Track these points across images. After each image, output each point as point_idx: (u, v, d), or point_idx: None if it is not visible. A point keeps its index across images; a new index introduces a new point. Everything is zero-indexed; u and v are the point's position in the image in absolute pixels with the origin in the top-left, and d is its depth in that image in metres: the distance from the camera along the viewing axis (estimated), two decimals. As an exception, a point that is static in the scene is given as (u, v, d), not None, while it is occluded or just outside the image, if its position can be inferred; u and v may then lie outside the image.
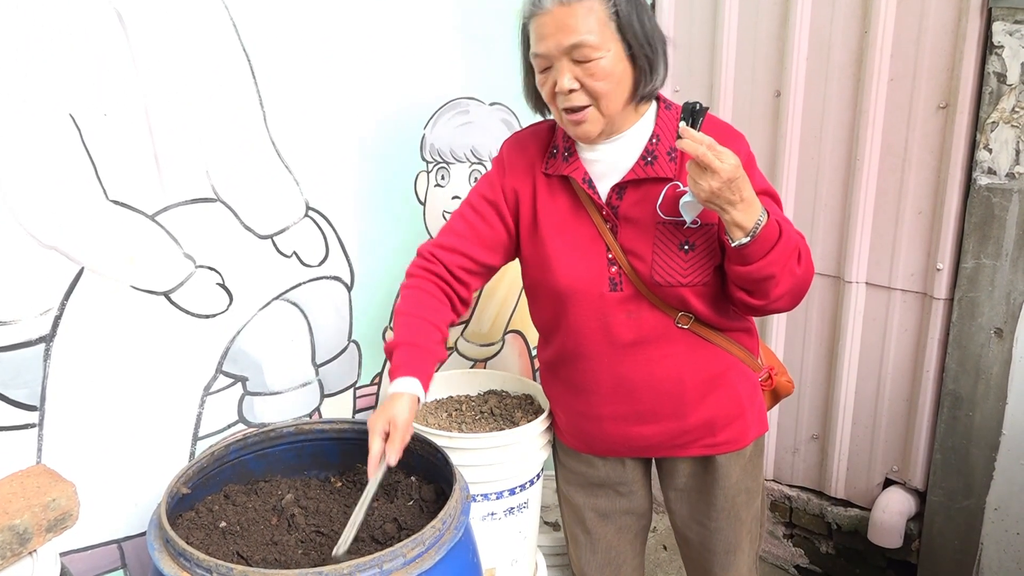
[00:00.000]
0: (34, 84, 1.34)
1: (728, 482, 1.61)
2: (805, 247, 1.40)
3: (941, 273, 2.05)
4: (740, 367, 1.58)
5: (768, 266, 1.33)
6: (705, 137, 1.24)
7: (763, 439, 1.67)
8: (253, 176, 1.65)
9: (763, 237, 1.30)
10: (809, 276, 1.42)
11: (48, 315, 1.42)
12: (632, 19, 1.33)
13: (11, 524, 1.20)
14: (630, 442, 1.61)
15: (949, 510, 2.15)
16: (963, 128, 1.94)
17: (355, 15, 1.76)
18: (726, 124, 1.48)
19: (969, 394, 2.05)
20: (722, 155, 1.23)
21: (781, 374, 1.72)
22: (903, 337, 2.19)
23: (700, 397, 1.55)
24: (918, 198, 2.07)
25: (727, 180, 1.23)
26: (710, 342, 1.53)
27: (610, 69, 1.34)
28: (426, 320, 1.50)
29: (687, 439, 1.59)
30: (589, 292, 1.49)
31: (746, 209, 1.28)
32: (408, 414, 1.41)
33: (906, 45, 2.01)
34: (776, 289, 1.37)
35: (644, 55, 1.35)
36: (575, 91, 1.35)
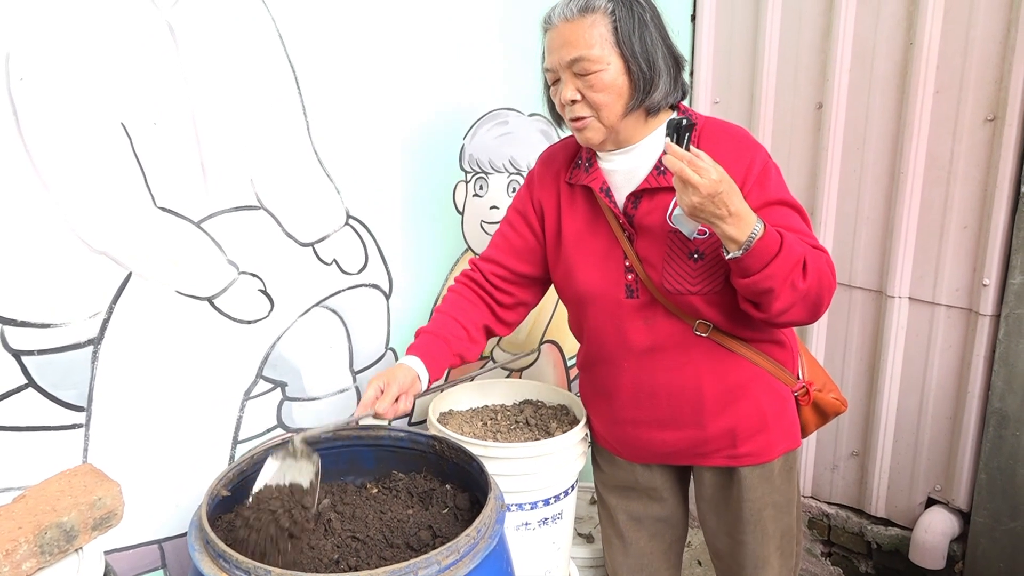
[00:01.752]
0: (88, 94, 1.37)
1: (753, 495, 1.59)
2: (816, 260, 1.36)
3: (987, 289, 2.01)
4: (766, 379, 1.56)
5: (765, 279, 1.32)
6: (685, 153, 1.25)
7: (794, 455, 1.63)
8: (295, 185, 1.68)
9: (758, 250, 1.30)
10: (819, 290, 1.37)
11: (97, 318, 1.46)
12: (631, 36, 1.38)
13: (59, 521, 1.23)
14: (653, 447, 1.63)
15: (994, 532, 2.10)
16: (1011, 141, 1.91)
17: (397, 27, 1.78)
18: (739, 135, 1.47)
19: (1016, 413, 2.00)
20: (703, 170, 1.24)
21: (826, 391, 1.66)
22: (947, 353, 2.14)
23: (720, 407, 1.55)
24: (964, 212, 2.03)
25: (707, 195, 1.25)
26: (732, 352, 1.52)
27: (608, 82, 1.39)
28: (452, 317, 1.60)
29: (708, 448, 1.59)
30: (607, 298, 1.54)
31: (736, 223, 1.28)
32: (407, 382, 1.47)
33: (952, 56, 1.98)
34: (776, 303, 1.35)
35: (640, 71, 1.39)
36: (577, 102, 1.43)
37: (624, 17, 1.37)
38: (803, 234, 1.41)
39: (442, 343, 1.56)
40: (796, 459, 1.65)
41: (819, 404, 1.65)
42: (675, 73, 1.44)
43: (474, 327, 1.61)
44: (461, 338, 1.58)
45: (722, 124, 1.49)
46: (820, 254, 1.39)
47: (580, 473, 1.89)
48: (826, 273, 1.38)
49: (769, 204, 1.40)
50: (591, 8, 1.38)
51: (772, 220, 1.37)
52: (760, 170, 1.41)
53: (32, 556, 1.21)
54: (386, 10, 1.76)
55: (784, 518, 1.64)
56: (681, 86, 1.47)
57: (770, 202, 1.40)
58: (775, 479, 1.60)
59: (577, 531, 2.25)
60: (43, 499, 1.29)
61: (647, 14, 1.40)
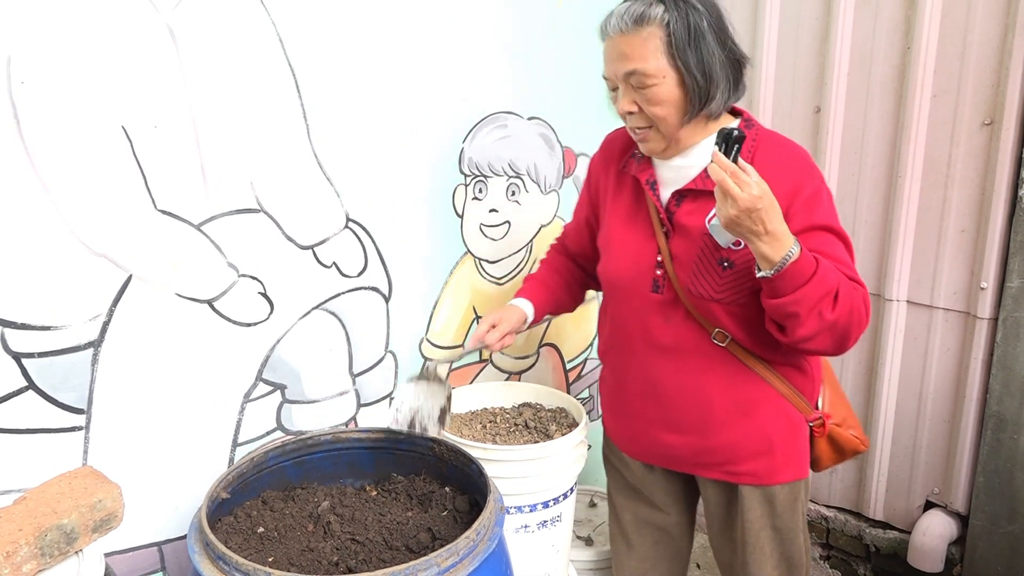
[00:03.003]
0: (89, 97, 1.38)
1: (752, 515, 1.57)
2: (850, 293, 1.34)
3: (985, 292, 2.01)
4: (779, 402, 1.53)
5: (792, 304, 1.31)
6: (730, 164, 1.24)
7: (801, 485, 1.58)
8: (295, 188, 1.69)
9: (790, 273, 1.28)
10: (848, 324, 1.35)
11: (97, 321, 1.46)
12: (686, 48, 1.35)
13: (59, 523, 1.23)
14: (657, 447, 1.62)
15: (992, 535, 2.10)
16: (1009, 145, 1.91)
17: (397, 31, 1.79)
18: (796, 154, 1.44)
19: (1014, 416, 2.00)
20: (744, 184, 1.23)
21: (846, 427, 1.62)
22: (945, 357, 2.15)
23: (726, 420, 1.53)
24: (961, 215, 2.04)
25: (745, 209, 1.24)
26: (748, 367, 1.50)
27: (665, 95, 1.39)
28: (555, 269, 1.83)
29: (710, 459, 1.57)
30: (633, 289, 1.54)
31: (771, 242, 1.27)
32: (515, 319, 1.71)
33: (950, 61, 1.99)
34: (800, 329, 1.34)
35: (695, 83, 1.37)
36: (635, 114, 1.43)
37: (679, 29, 1.35)
38: (843, 264, 1.38)
39: (547, 291, 1.78)
40: (803, 489, 1.60)
41: (836, 439, 1.61)
42: (735, 78, 1.42)
43: (574, 281, 1.83)
44: (561, 287, 1.80)
45: (782, 140, 1.47)
46: (856, 288, 1.36)
47: (579, 476, 1.90)
48: (859, 308, 1.35)
49: (813, 229, 1.38)
50: (646, 20, 1.36)
51: (813, 245, 1.35)
52: (811, 193, 1.39)
53: (32, 558, 1.21)
54: (386, 14, 1.76)
55: (786, 545, 1.59)
56: (741, 88, 1.45)
57: (815, 227, 1.38)
58: (777, 505, 1.56)
59: (576, 534, 2.25)
60: (43, 501, 1.29)
61: (704, 21, 1.36)
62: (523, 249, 2.20)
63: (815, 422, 1.57)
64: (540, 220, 2.22)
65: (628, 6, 1.38)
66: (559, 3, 2.11)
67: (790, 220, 1.35)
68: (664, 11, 1.35)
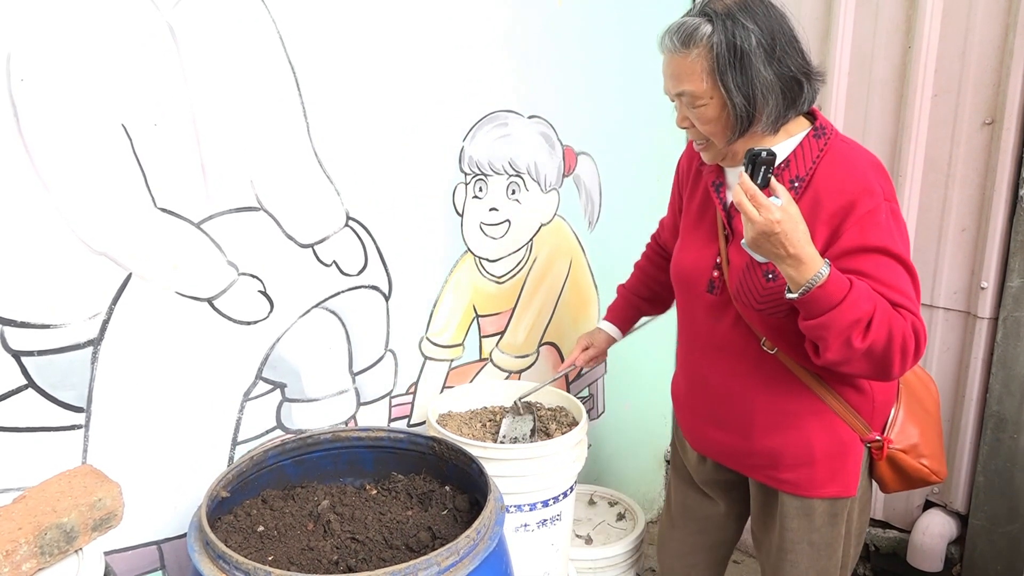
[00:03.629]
0: (89, 95, 1.38)
1: (790, 524, 1.54)
2: (889, 321, 1.28)
3: (985, 292, 2.01)
4: (829, 418, 1.49)
5: (819, 328, 1.29)
6: (751, 186, 1.23)
7: (845, 503, 1.52)
8: (296, 186, 1.68)
9: (816, 297, 1.26)
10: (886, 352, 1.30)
11: (96, 319, 1.46)
12: (728, 72, 1.33)
13: (59, 522, 1.23)
14: (707, 441, 1.64)
15: (992, 534, 2.10)
16: (1009, 144, 1.91)
17: (397, 30, 1.79)
18: (860, 167, 1.37)
19: (1014, 416, 2.00)
20: (763, 208, 1.22)
21: (914, 455, 1.55)
22: (945, 356, 2.15)
23: (769, 427, 1.51)
24: (962, 215, 2.04)
25: (762, 232, 1.23)
26: (797, 378, 1.47)
27: (712, 116, 1.39)
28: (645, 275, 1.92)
29: (752, 462, 1.56)
30: (692, 287, 1.57)
31: (796, 265, 1.25)
32: (603, 342, 1.93)
33: (951, 60, 1.98)
34: (827, 354, 1.31)
35: (735, 106, 1.35)
36: (688, 128, 1.45)
37: (723, 52, 1.32)
38: (894, 290, 1.32)
39: (633, 309, 1.93)
40: (847, 508, 1.54)
41: (900, 464, 1.55)
42: (793, 95, 1.37)
43: (660, 288, 1.90)
44: (645, 300, 1.92)
45: (851, 152, 1.40)
46: (902, 316, 1.31)
47: (579, 475, 1.90)
48: (904, 336, 1.30)
49: (866, 250, 1.32)
50: (692, 42, 1.34)
51: (862, 267, 1.32)
52: (867, 212, 1.32)
53: (32, 557, 1.21)
54: (387, 12, 1.76)
55: (822, 560, 1.56)
56: (804, 102, 1.39)
57: (868, 248, 1.32)
58: (816, 519, 1.53)
59: (576, 532, 2.25)
60: (43, 500, 1.29)
61: (752, 39, 1.32)
62: (523, 248, 2.19)
63: (873, 443, 1.53)
64: (540, 219, 2.22)
65: (680, 24, 1.37)
66: (559, 2, 2.11)
67: (842, 236, 1.33)
68: (711, 32, 1.33)
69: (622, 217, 2.44)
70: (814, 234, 1.32)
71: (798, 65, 1.36)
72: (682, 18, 1.38)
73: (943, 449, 1.62)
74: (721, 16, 1.33)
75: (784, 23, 1.36)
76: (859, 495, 1.56)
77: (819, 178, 1.37)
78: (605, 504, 2.44)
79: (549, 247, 2.26)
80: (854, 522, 1.59)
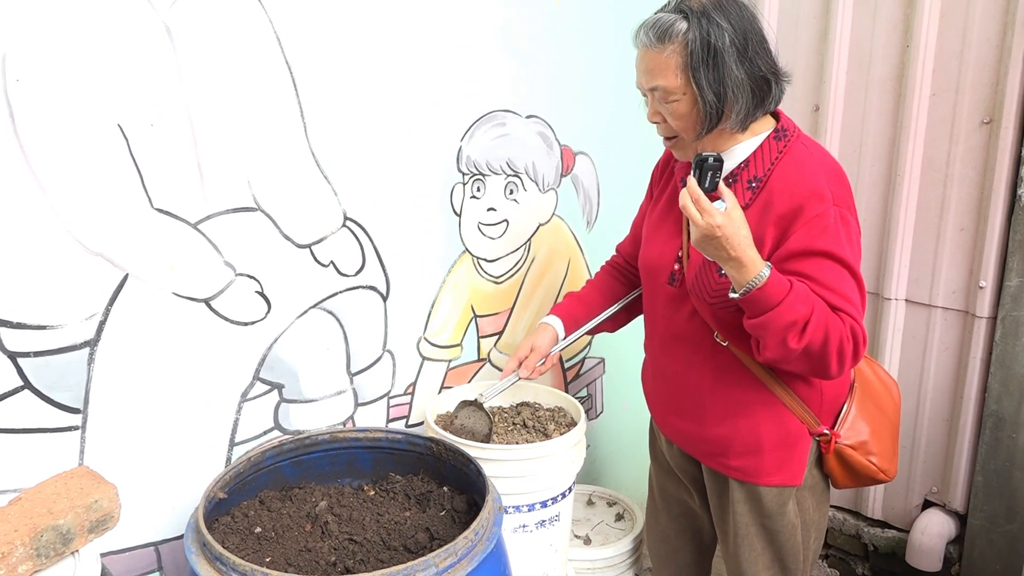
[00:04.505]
0: (85, 95, 1.37)
1: (740, 508, 1.59)
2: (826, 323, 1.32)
3: (984, 291, 2.01)
4: (777, 409, 1.53)
5: (758, 327, 1.35)
6: (696, 190, 1.29)
7: (791, 492, 1.57)
8: (293, 186, 1.68)
9: (754, 298, 1.31)
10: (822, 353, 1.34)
11: (93, 320, 1.45)
12: (701, 68, 1.35)
13: (55, 524, 1.23)
14: (668, 426, 1.70)
15: (991, 534, 2.10)
16: (1008, 143, 1.91)
17: (394, 29, 1.78)
18: (814, 174, 1.39)
19: (1012, 415, 2.00)
20: (706, 212, 1.27)
21: (863, 452, 1.58)
22: (943, 356, 2.15)
23: (720, 416, 1.56)
24: (960, 214, 2.04)
25: (704, 235, 1.28)
26: (749, 370, 1.52)
27: (684, 111, 1.41)
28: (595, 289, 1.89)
29: (705, 449, 1.61)
30: (655, 278, 1.62)
31: (737, 267, 1.30)
32: (547, 343, 1.80)
33: (949, 59, 1.98)
34: (766, 352, 1.38)
35: (706, 102, 1.37)
36: (660, 123, 1.48)
37: (697, 49, 1.34)
38: (835, 293, 1.35)
39: (575, 301, 1.86)
40: (794, 496, 1.58)
41: (846, 460, 1.58)
42: (761, 94, 1.40)
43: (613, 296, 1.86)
44: (598, 303, 1.85)
45: (807, 155, 1.42)
46: (839, 319, 1.34)
47: (577, 475, 1.89)
48: (840, 339, 1.33)
49: (811, 254, 1.35)
50: (668, 37, 1.36)
51: (807, 270, 1.34)
52: (815, 216, 1.35)
53: (28, 559, 1.20)
54: (384, 12, 1.75)
55: (776, 547, 1.61)
56: (772, 101, 1.42)
57: (813, 251, 1.35)
58: (765, 506, 1.57)
59: (574, 533, 2.24)
60: (39, 501, 1.28)
61: (726, 38, 1.34)
62: (521, 248, 2.19)
63: (821, 436, 1.56)
64: (538, 219, 2.21)
65: (656, 19, 1.39)
66: (557, 1, 2.11)
67: (788, 239, 1.36)
68: (687, 28, 1.35)
69: (620, 217, 2.43)
70: (764, 235, 1.38)
71: (768, 65, 1.40)
72: (657, 14, 1.40)
73: (896, 450, 1.65)
74: (696, 14, 1.35)
75: (755, 24, 1.39)
76: (811, 485, 1.61)
77: (774, 180, 1.41)
78: (604, 504, 2.43)
79: (547, 247, 2.26)
80: (809, 512, 1.63)
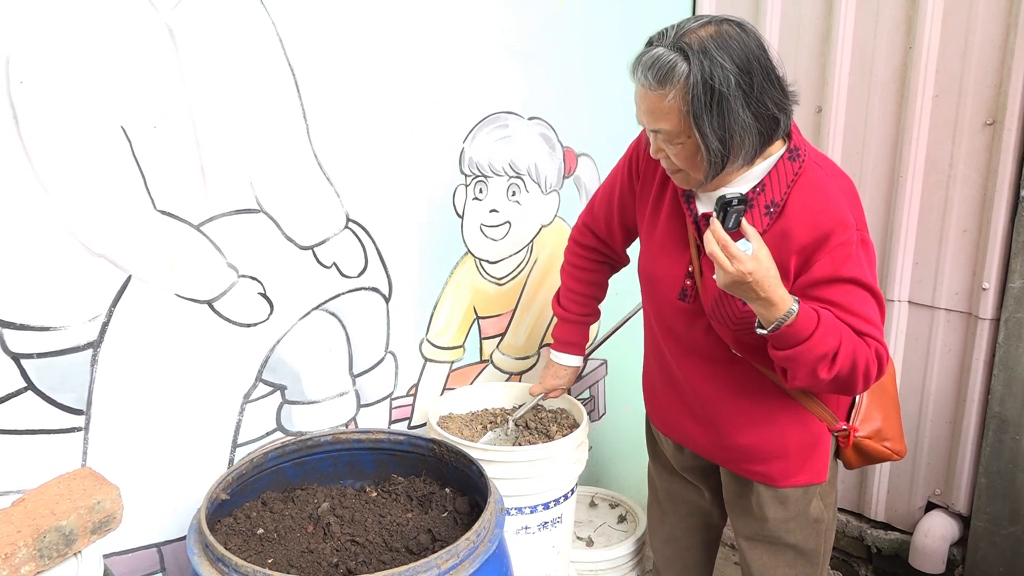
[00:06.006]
0: (88, 97, 1.37)
1: (763, 513, 1.60)
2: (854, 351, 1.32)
3: (987, 293, 2.01)
4: (798, 412, 1.53)
5: (788, 360, 1.34)
6: (723, 236, 1.25)
7: (817, 488, 1.58)
8: (295, 188, 1.68)
9: (783, 335, 1.30)
10: (849, 379, 1.35)
11: (96, 321, 1.45)
12: (702, 115, 1.28)
13: (58, 525, 1.23)
14: (682, 432, 1.68)
15: (994, 536, 2.09)
16: (1011, 145, 1.91)
17: (397, 31, 1.78)
18: (833, 200, 1.35)
19: (1016, 417, 2.00)
20: (735, 259, 1.24)
21: (878, 439, 1.60)
22: (947, 357, 2.14)
23: (741, 424, 1.55)
24: (963, 216, 2.04)
25: (734, 282, 1.26)
26: (765, 377, 1.51)
27: (688, 155, 1.35)
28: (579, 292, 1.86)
29: (727, 456, 1.61)
30: (662, 291, 1.57)
31: (767, 306, 1.28)
32: (572, 382, 1.91)
33: (951, 61, 1.98)
34: (794, 380, 1.37)
35: (710, 149, 1.31)
36: (663, 158, 1.41)
37: (700, 94, 1.26)
38: (861, 319, 1.34)
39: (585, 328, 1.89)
40: (817, 494, 1.60)
41: (863, 449, 1.60)
42: (769, 132, 1.34)
43: (601, 290, 1.88)
44: (594, 310, 1.89)
45: (824, 177, 1.38)
46: (865, 344, 1.34)
47: (580, 477, 1.89)
48: (865, 364, 1.34)
49: (837, 281, 1.34)
50: (668, 82, 1.28)
51: (832, 296, 1.34)
52: (839, 243, 1.33)
53: (31, 560, 1.20)
54: (386, 14, 1.76)
55: (799, 544, 1.62)
56: (780, 132, 1.37)
57: (839, 279, 1.34)
58: (791, 506, 1.58)
59: (576, 535, 2.24)
60: (42, 503, 1.28)
61: (731, 80, 1.26)
62: (524, 249, 2.19)
63: (840, 432, 1.57)
64: (541, 220, 2.21)
65: (655, 58, 1.29)
66: (560, 3, 2.11)
67: (813, 266, 1.34)
68: (688, 71, 1.26)
69: (623, 218, 2.44)
70: (787, 263, 1.35)
71: (776, 101, 1.32)
72: (654, 50, 1.30)
73: (902, 427, 1.67)
74: (697, 53, 1.26)
75: (761, 56, 1.30)
76: (829, 480, 1.62)
77: (792, 207, 1.36)
78: (606, 506, 2.43)
79: (550, 248, 2.26)
80: (827, 508, 1.64)
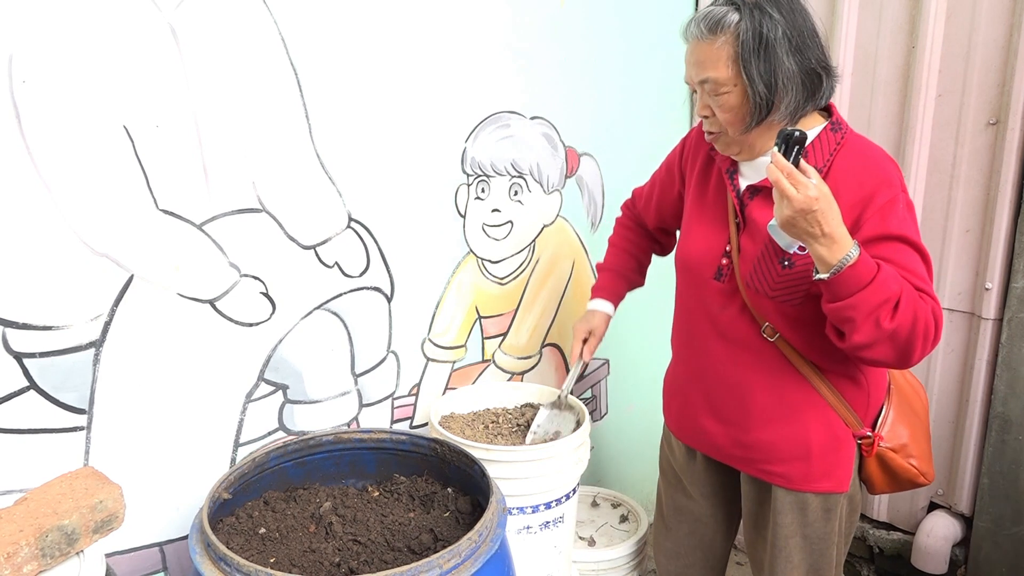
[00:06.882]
0: (90, 96, 1.38)
1: (783, 519, 1.55)
2: (914, 303, 1.28)
3: (990, 293, 2.01)
4: (824, 411, 1.51)
5: (848, 308, 1.28)
6: (787, 165, 1.23)
7: (838, 498, 1.54)
8: (297, 188, 1.68)
9: (847, 277, 1.26)
10: (910, 335, 1.29)
11: (98, 321, 1.45)
12: (751, 60, 1.34)
13: (60, 524, 1.23)
14: (700, 433, 1.65)
15: (997, 536, 2.09)
16: (1014, 145, 1.90)
17: (399, 30, 1.78)
18: (876, 159, 1.40)
19: (1019, 417, 2.00)
20: (801, 185, 1.21)
21: (904, 455, 1.56)
22: (949, 358, 2.14)
23: (766, 419, 1.53)
24: (966, 216, 2.03)
25: (800, 210, 1.22)
26: (796, 370, 1.49)
27: (733, 104, 1.39)
28: (624, 250, 1.93)
29: (747, 455, 1.58)
30: (698, 272, 1.58)
31: (828, 244, 1.25)
32: (603, 326, 1.87)
33: (955, 60, 1.98)
34: (855, 335, 1.30)
35: (756, 94, 1.36)
36: (708, 117, 1.46)
37: (749, 40, 1.34)
38: (914, 275, 1.33)
39: (624, 281, 1.91)
40: (840, 503, 1.56)
41: (888, 463, 1.56)
42: (812, 87, 1.38)
43: (646, 257, 1.94)
44: (633, 268, 1.92)
45: (866, 146, 1.43)
46: (924, 300, 1.31)
47: (581, 477, 1.89)
48: (925, 320, 1.30)
49: (886, 238, 1.34)
50: (720, 29, 1.36)
51: (884, 254, 1.32)
52: (886, 201, 1.35)
53: (33, 559, 1.21)
54: (389, 14, 1.76)
55: (815, 556, 1.57)
56: (823, 96, 1.41)
57: (888, 236, 1.34)
58: (809, 513, 1.54)
59: (578, 535, 2.24)
60: (44, 502, 1.29)
61: (779, 30, 1.34)
62: (526, 249, 2.19)
63: (863, 439, 1.54)
64: (543, 220, 2.21)
65: (708, 11, 1.39)
66: (562, 3, 2.11)
67: (862, 226, 1.34)
68: (739, 19, 1.35)
69: (625, 218, 2.44)
70: None
71: (819, 58, 1.38)
72: (709, 6, 1.40)
73: (931, 453, 1.63)
74: (749, 5, 1.35)
75: (807, 16, 1.39)
76: (851, 494, 1.57)
77: (836, 170, 1.39)
78: (608, 506, 2.43)
79: (552, 248, 2.26)
80: (844, 520, 1.60)
